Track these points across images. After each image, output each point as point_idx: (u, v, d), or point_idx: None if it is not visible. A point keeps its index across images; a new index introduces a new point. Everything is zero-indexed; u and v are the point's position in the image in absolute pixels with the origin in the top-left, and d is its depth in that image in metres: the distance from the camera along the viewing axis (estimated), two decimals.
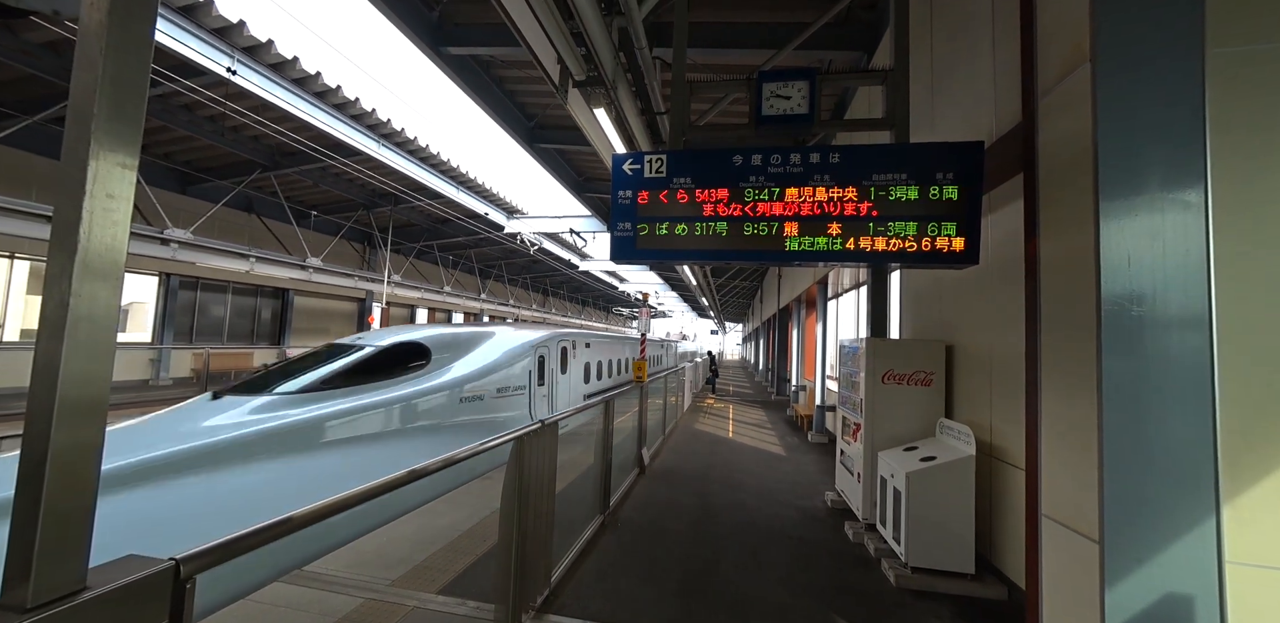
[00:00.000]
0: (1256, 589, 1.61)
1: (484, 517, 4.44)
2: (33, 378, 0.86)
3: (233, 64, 6.19)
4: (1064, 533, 2.00)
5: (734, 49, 5.72)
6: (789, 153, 3.28)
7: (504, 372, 6.52)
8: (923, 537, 3.44)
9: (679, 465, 6.74)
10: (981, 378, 3.72)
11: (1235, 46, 1.82)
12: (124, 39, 0.91)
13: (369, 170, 11.48)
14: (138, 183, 0.99)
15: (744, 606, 3.13)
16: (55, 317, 0.85)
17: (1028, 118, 2.47)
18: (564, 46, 3.62)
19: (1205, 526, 1.66)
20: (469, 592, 3.15)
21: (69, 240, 0.86)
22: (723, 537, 4.25)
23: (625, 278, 22.55)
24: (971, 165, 3.02)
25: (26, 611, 0.80)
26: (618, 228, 3.46)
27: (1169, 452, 1.72)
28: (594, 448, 4.57)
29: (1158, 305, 1.78)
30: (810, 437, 8.83)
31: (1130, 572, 1.70)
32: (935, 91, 4.50)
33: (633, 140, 4.92)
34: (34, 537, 0.81)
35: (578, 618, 2.91)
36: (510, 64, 6.76)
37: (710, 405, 13.57)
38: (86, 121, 0.88)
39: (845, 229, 3.16)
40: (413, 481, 1.88)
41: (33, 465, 0.83)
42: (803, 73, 3.69)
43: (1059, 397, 2.11)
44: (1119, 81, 1.88)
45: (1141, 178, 1.84)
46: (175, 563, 1.00)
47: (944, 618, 3.03)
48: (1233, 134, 1.81)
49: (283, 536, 1.31)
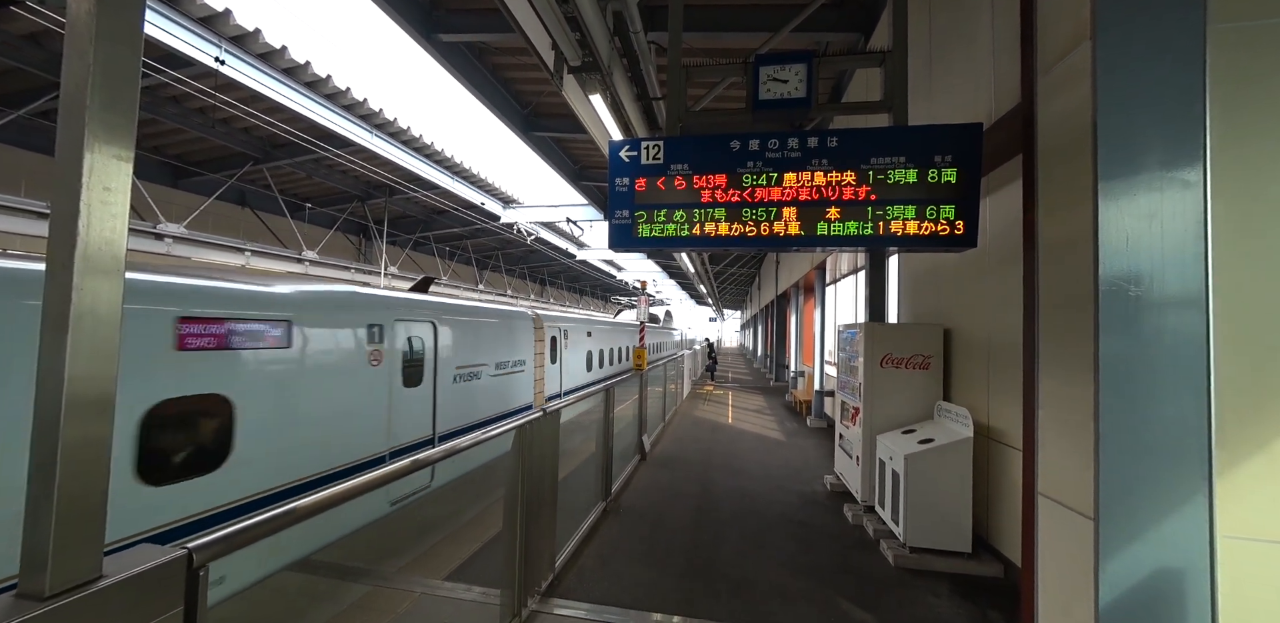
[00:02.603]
0: (1247, 562, 1.65)
1: (487, 504, 4.49)
2: (39, 374, 0.86)
3: (220, 54, 6.07)
4: (1060, 511, 2.04)
5: (729, 32, 5.64)
6: (787, 137, 3.25)
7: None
8: (921, 517, 3.50)
9: (680, 452, 6.81)
10: (980, 361, 3.74)
11: (1237, 22, 1.80)
12: (114, 27, 0.89)
13: (363, 161, 11.36)
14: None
15: (745, 587, 3.19)
16: (58, 312, 0.85)
17: (1027, 97, 2.45)
18: (558, 31, 3.56)
19: (1198, 501, 1.69)
20: (475, 578, 3.20)
21: (68, 234, 0.85)
22: (723, 521, 4.31)
23: (623, 267, 22.49)
24: (970, 147, 3.00)
25: (45, 599, 0.82)
26: (615, 216, 3.44)
27: (1164, 430, 1.74)
28: (595, 436, 4.61)
29: (1155, 286, 1.79)
30: (809, 422, 8.91)
31: (1124, 547, 1.74)
32: (933, 73, 4.46)
33: (629, 127, 4.87)
34: (49, 527, 0.82)
35: (582, 602, 2.96)
36: (504, 51, 6.65)
37: (710, 392, 13.65)
38: (80, 113, 0.87)
39: (844, 214, 3.15)
40: (416, 470, 1.91)
41: (44, 459, 0.84)
42: (800, 56, 3.64)
43: (1056, 377, 2.13)
44: (1120, 59, 1.86)
45: (1141, 157, 1.83)
46: (188, 552, 1.02)
47: (942, 596, 3.10)
48: (1234, 113, 1.79)
49: (290, 526, 1.33)
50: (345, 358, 3.96)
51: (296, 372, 3.57)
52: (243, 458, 3.13)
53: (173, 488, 2.81)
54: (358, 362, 4.06)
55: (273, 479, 3.33)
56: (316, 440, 3.66)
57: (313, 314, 3.70)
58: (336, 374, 3.86)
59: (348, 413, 3.95)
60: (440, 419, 5.04)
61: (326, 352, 3.80)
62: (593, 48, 3.79)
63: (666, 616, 2.85)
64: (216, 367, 3.05)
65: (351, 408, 3.98)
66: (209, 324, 3.02)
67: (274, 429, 3.37)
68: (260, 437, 3.26)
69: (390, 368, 4.38)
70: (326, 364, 3.79)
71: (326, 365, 3.79)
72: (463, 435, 2.45)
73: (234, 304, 3.20)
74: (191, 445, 2.98)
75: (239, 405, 3.13)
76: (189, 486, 2.89)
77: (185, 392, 2.89)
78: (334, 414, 3.82)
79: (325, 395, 3.75)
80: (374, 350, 4.21)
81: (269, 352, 3.36)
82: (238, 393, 3.14)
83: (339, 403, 3.86)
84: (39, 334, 0.87)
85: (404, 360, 4.58)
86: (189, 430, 2.96)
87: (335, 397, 3.83)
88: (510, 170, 73.13)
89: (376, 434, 4.20)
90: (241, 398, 3.15)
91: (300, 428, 3.56)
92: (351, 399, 3.98)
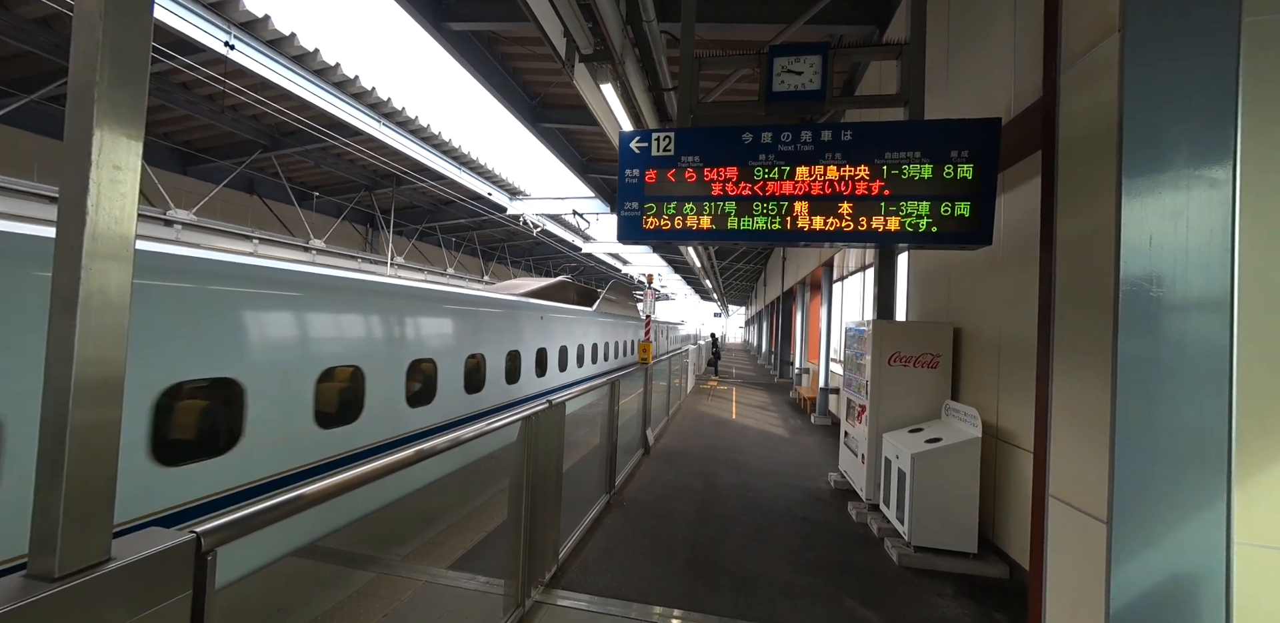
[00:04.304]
0: (1264, 569, 1.62)
1: (491, 495, 4.51)
2: (47, 355, 0.85)
3: (230, 39, 6.05)
4: (1071, 513, 2.01)
5: (742, 23, 5.57)
6: (800, 130, 3.20)
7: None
8: (926, 517, 3.48)
9: (683, 447, 6.81)
10: (990, 360, 3.70)
11: (1275, 14, 1.74)
12: (123, 1, 0.87)
13: (370, 151, 11.34)
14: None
15: (748, 583, 3.19)
16: (67, 291, 0.84)
17: (1049, 91, 2.39)
18: (571, 19, 3.51)
19: (1216, 506, 1.66)
20: (479, 567, 3.21)
21: (77, 212, 0.84)
22: (727, 516, 4.31)
23: (629, 260, 22.44)
24: (987, 143, 2.95)
25: (55, 580, 0.81)
26: (625, 208, 3.41)
27: (1182, 433, 1.71)
28: (600, 428, 4.61)
29: (1178, 287, 1.75)
30: (813, 419, 8.89)
31: (1138, 551, 1.71)
32: (950, 66, 4.38)
33: (640, 118, 4.82)
34: (58, 509, 0.82)
35: (585, 593, 2.97)
36: (514, 40, 6.59)
37: (713, 388, 13.64)
38: (89, 90, 0.85)
39: (857, 209, 3.11)
40: (420, 460, 1.90)
41: (53, 441, 0.83)
42: (815, 47, 3.58)
43: (1071, 377, 2.10)
44: (1149, 52, 1.81)
45: (1168, 154, 1.78)
46: (196, 536, 1.01)
47: (946, 596, 3.08)
48: (1266, 108, 1.74)
49: (298, 511, 1.32)
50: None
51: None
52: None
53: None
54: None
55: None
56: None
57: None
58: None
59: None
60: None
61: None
62: (605, 36, 3.75)
63: (669, 609, 2.85)
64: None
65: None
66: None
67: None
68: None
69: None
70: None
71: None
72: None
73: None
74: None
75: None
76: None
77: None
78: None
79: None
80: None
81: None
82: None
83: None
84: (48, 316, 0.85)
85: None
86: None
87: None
88: (517, 162, 72.92)
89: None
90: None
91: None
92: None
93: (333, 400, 3.66)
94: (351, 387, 3.84)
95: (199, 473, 2.79)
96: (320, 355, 3.55)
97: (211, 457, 2.86)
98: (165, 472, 2.65)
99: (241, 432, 2.99)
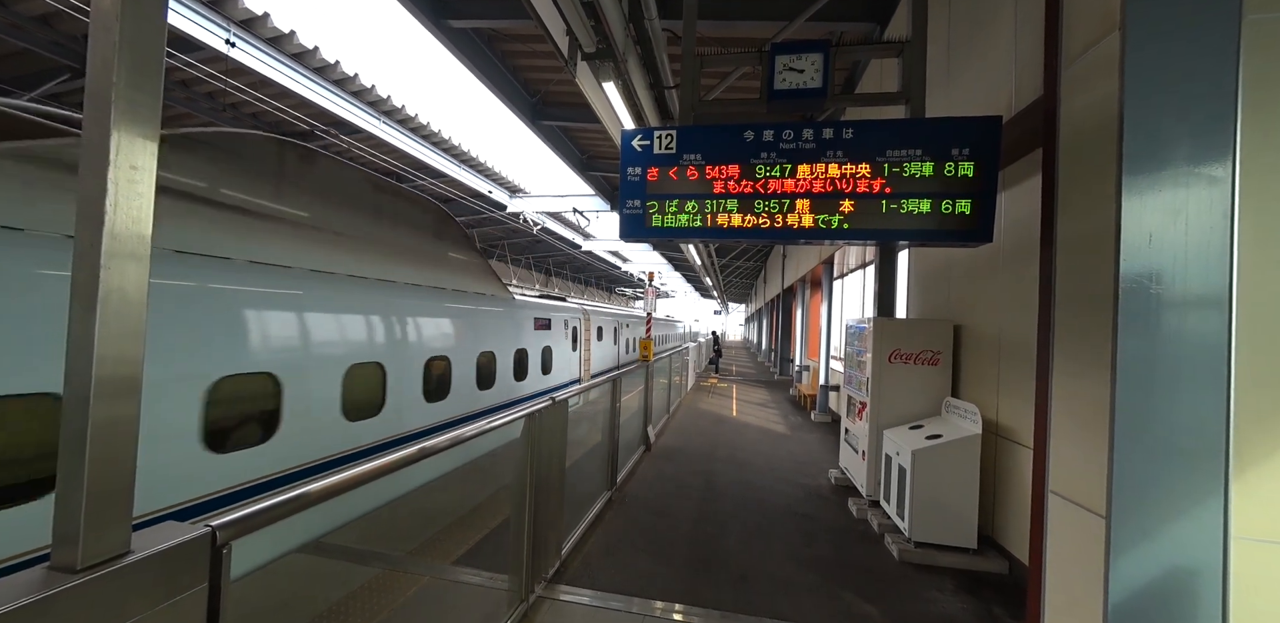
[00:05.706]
0: (1261, 564, 1.64)
1: (493, 491, 4.53)
2: (68, 352, 0.87)
3: (230, 37, 6.05)
4: (1070, 509, 2.03)
5: (743, 21, 5.56)
6: (802, 128, 3.21)
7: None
8: (926, 513, 3.50)
9: (684, 444, 6.83)
10: (990, 357, 3.72)
11: (1275, 12, 1.75)
12: (139, 4, 0.88)
13: (370, 148, 11.34)
14: None
15: (749, 579, 3.21)
16: (86, 290, 0.86)
17: (1050, 89, 2.40)
18: (573, 16, 3.51)
19: (1213, 501, 1.69)
20: (482, 563, 3.23)
21: (95, 212, 0.85)
22: (728, 512, 4.33)
23: (629, 258, 22.44)
24: (988, 140, 2.96)
25: (77, 571, 0.83)
26: (626, 205, 3.42)
27: (1181, 429, 1.73)
28: (601, 426, 4.63)
29: (1177, 284, 1.76)
30: (814, 416, 8.92)
31: (1136, 546, 1.74)
32: (951, 63, 4.38)
33: (642, 116, 4.82)
34: (79, 503, 0.84)
35: (588, 588, 2.99)
36: (514, 38, 6.59)
37: (714, 385, 13.67)
38: (106, 92, 0.86)
39: (858, 207, 3.12)
40: (422, 458, 1.92)
41: (74, 436, 0.85)
42: (817, 45, 3.59)
43: (1071, 374, 2.11)
44: (1150, 50, 1.82)
45: (1168, 152, 1.80)
46: (212, 530, 1.03)
47: (946, 591, 3.11)
48: (1266, 107, 1.75)
49: (310, 506, 1.34)
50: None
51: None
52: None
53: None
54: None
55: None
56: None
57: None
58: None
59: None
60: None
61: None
62: (608, 34, 3.75)
63: (670, 604, 2.88)
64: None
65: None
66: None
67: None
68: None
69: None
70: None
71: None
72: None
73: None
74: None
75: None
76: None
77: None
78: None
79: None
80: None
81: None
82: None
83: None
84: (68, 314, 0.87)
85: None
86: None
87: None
88: (517, 159, 72.89)
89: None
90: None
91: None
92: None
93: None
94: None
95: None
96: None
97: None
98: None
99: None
